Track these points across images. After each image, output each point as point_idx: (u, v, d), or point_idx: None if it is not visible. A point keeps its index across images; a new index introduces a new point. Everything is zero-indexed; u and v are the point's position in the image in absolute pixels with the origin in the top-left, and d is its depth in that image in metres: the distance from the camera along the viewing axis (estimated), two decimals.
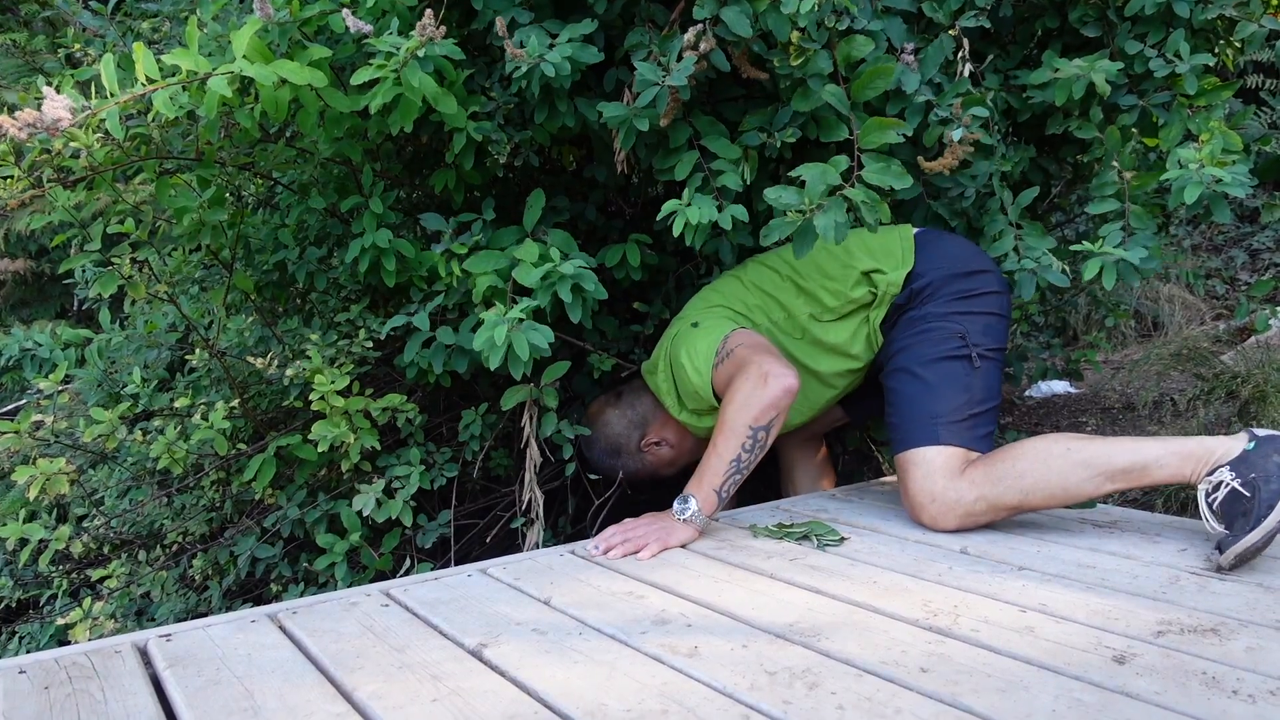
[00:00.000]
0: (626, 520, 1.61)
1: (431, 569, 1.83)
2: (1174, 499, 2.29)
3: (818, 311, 1.76)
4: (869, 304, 1.74)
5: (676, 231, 1.64)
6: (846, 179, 1.48)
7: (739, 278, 1.86)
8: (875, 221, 1.45)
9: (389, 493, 1.83)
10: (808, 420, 1.90)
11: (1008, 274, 1.78)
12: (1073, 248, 1.70)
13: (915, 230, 1.79)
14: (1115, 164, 1.77)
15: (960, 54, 1.75)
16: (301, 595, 1.85)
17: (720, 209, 1.66)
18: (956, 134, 1.66)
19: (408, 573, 1.84)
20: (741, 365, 1.63)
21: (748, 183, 1.75)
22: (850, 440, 2.46)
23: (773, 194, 1.48)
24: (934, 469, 1.59)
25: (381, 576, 1.84)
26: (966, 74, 1.73)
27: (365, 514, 1.76)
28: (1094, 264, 1.66)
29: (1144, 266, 1.68)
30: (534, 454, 1.87)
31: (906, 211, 1.94)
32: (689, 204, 1.65)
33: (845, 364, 1.79)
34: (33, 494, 1.65)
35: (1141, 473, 1.48)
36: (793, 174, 1.49)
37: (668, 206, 1.66)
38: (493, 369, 1.61)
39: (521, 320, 1.60)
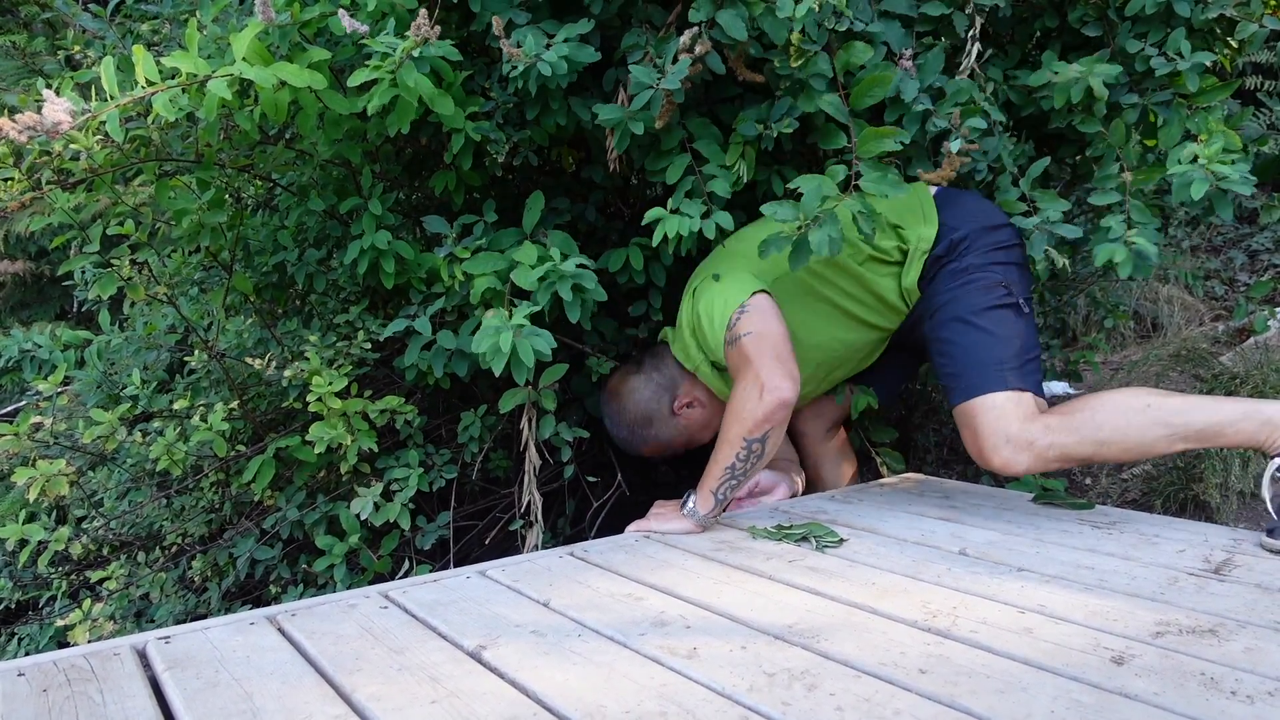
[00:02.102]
0: (658, 501, 1.76)
1: (430, 571, 1.83)
2: (1173, 500, 2.29)
3: (851, 252, 1.74)
4: (899, 262, 1.74)
5: (655, 242, 1.66)
6: (845, 188, 1.49)
7: (767, 225, 1.79)
8: (871, 232, 1.47)
9: (387, 495, 1.83)
10: (818, 375, 1.87)
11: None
12: (1090, 236, 1.69)
13: (933, 189, 1.79)
14: (1119, 159, 1.76)
15: (971, 33, 1.73)
16: (300, 597, 1.85)
17: (708, 214, 1.67)
18: (955, 145, 1.66)
19: (407, 574, 1.84)
20: (745, 364, 1.63)
21: (745, 181, 1.75)
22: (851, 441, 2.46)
23: (769, 209, 1.50)
24: (1007, 412, 1.59)
25: (380, 578, 1.84)
26: (974, 58, 1.72)
27: (363, 518, 1.76)
28: (1105, 250, 1.65)
29: (1152, 260, 1.66)
30: (532, 456, 1.87)
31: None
32: (674, 211, 1.66)
33: (874, 311, 1.78)
34: (32, 495, 1.65)
35: (1216, 435, 1.50)
36: (791, 185, 1.50)
37: (650, 215, 1.67)
38: (496, 374, 1.62)
39: (524, 326, 1.61)
